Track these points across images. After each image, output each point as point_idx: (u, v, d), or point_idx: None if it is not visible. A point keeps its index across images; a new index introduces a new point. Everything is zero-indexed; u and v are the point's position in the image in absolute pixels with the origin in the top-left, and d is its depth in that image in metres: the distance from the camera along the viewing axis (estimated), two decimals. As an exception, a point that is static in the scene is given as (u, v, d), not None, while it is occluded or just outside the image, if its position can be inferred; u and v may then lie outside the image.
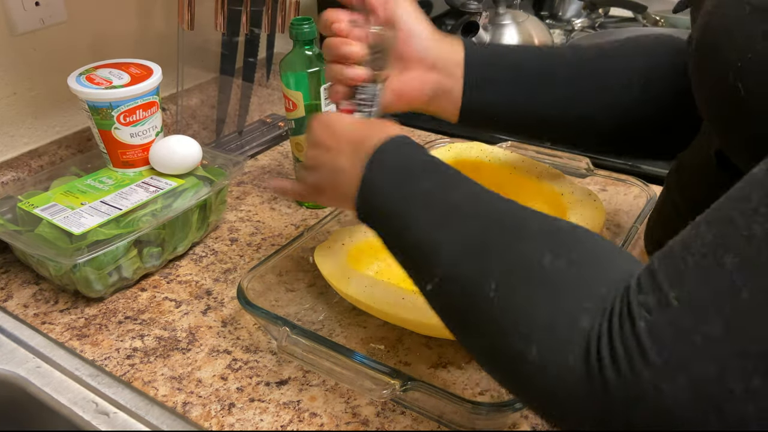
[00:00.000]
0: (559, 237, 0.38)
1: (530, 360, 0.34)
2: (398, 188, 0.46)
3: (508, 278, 0.37)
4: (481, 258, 0.39)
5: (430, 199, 0.44)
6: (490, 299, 0.36)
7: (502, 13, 1.07)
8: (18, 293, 0.69)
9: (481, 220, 0.41)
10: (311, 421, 0.53)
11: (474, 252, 0.39)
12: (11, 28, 0.76)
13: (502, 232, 0.40)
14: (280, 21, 0.89)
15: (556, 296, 0.34)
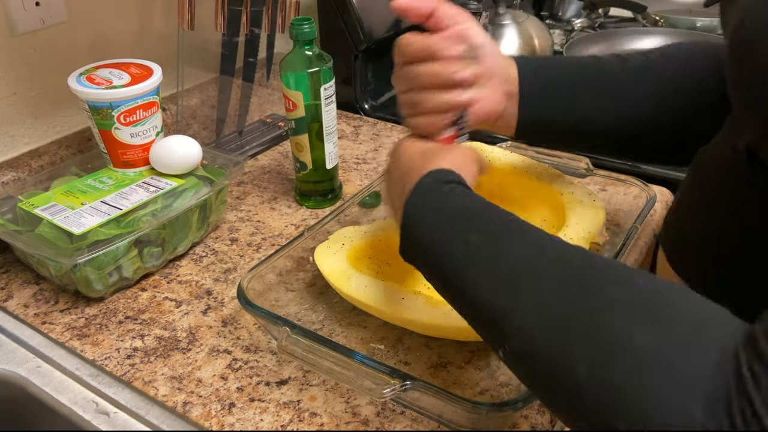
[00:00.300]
0: (647, 305, 0.34)
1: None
2: (441, 242, 0.43)
3: (601, 361, 0.33)
4: (561, 332, 0.35)
5: (483, 257, 0.41)
6: (582, 385, 0.33)
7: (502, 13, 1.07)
8: (18, 293, 0.69)
9: (551, 282, 0.37)
10: (311, 420, 0.53)
11: (551, 325, 0.36)
12: (11, 28, 0.76)
13: (582, 298, 0.36)
14: (280, 21, 0.89)
15: (658, 380, 0.31)
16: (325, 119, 0.78)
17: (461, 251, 0.42)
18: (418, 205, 0.46)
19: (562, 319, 0.36)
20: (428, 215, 0.45)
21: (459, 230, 0.43)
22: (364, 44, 1.04)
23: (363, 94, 1.12)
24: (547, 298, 0.37)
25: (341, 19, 1.03)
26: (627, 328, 0.33)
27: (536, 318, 0.37)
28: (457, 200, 0.46)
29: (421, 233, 0.45)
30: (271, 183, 0.90)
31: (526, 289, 0.38)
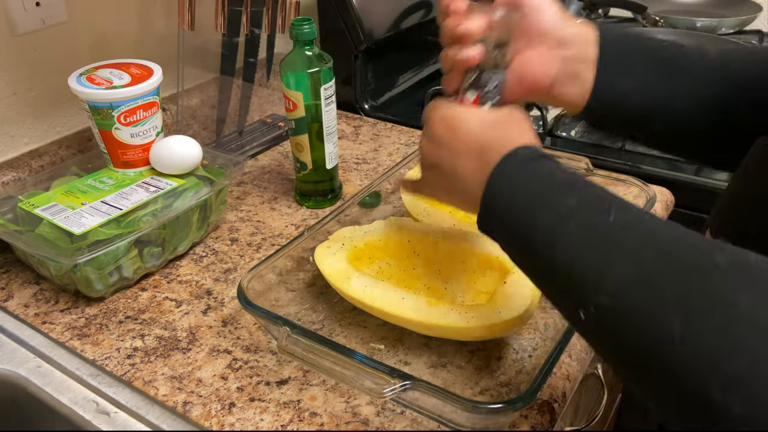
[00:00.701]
0: (756, 275, 0.33)
1: (732, 413, 0.30)
2: (536, 207, 0.42)
3: (700, 318, 0.32)
4: (656, 291, 0.34)
5: (576, 220, 0.40)
6: (676, 340, 0.32)
7: (502, 14, 1.07)
8: (19, 293, 0.69)
9: (648, 246, 0.36)
10: (311, 420, 0.53)
11: (646, 283, 0.35)
12: (12, 28, 0.76)
13: (681, 263, 0.35)
14: (281, 21, 0.89)
15: (762, 342, 0.30)
16: (325, 119, 0.78)
17: (555, 213, 0.41)
18: (512, 176, 0.44)
19: (658, 278, 0.35)
20: (523, 185, 0.43)
21: (554, 194, 0.42)
22: (364, 44, 1.04)
23: (363, 94, 1.12)
24: (645, 257, 0.36)
25: (341, 19, 1.04)
26: (735, 289, 0.32)
27: (633, 274, 0.35)
28: (554, 172, 0.44)
29: (512, 201, 0.43)
30: (271, 183, 0.90)
31: (623, 247, 0.37)
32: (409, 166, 0.80)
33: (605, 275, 0.37)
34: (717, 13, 1.44)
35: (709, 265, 0.34)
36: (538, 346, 0.60)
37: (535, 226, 0.42)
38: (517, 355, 0.59)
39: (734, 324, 0.31)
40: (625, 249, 0.37)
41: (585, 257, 0.38)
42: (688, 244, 0.36)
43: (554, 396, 0.55)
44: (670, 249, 0.36)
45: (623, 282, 0.36)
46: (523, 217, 0.42)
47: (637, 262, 0.36)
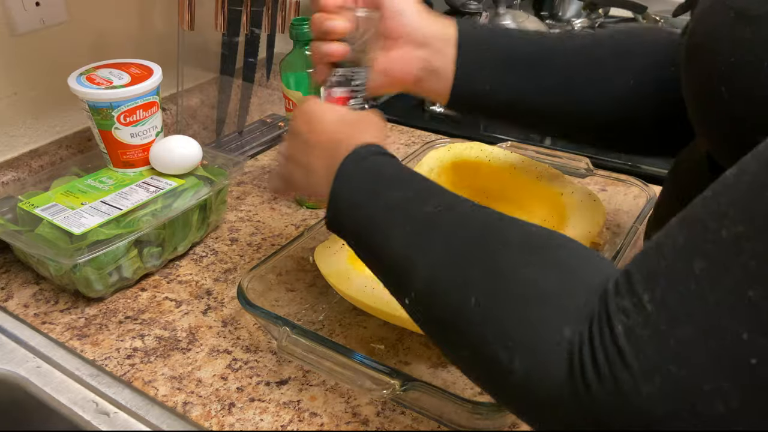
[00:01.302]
0: (538, 247, 0.38)
1: (514, 372, 0.34)
2: (366, 201, 0.45)
3: (489, 291, 0.36)
4: (460, 271, 0.38)
5: (401, 213, 0.43)
6: (472, 312, 0.36)
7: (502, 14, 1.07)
8: (18, 293, 0.69)
9: (457, 232, 0.40)
10: (311, 420, 0.53)
11: (452, 265, 0.39)
12: (12, 28, 0.76)
13: (480, 244, 0.39)
14: (280, 21, 0.89)
15: (538, 308, 0.34)
16: (325, 119, 0.78)
17: (381, 209, 0.44)
18: (350, 174, 0.47)
19: (462, 259, 0.39)
20: (358, 182, 0.46)
21: (382, 189, 0.45)
22: (364, 44, 1.04)
23: (363, 94, 1.12)
24: (450, 244, 0.40)
25: (341, 19, 1.03)
26: (518, 263, 0.37)
27: (438, 261, 0.39)
28: (386, 168, 0.47)
29: (349, 198, 0.46)
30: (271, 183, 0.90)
31: (435, 237, 0.40)
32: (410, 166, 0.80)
33: (418, 266, 0.40)
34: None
35: (501, 244, 0.38)
36: (539, 346, 0.60)
37: (363, 219, 0.45)
38: (517, 355, 0.59)
39: (516, 295, 0.35)
40: (436, 240, 0.40)
41: (403, 250, 0.41)
42: (487, 227, 0.40)
43: (554, 396, 0.55)
44: (473, 232, 0.40)
45: (433, 270, 0.39)
46: (354, 212, 0.45)
47: (445, 251, 0.40)
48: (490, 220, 0.41)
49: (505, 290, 0.36)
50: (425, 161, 0.77)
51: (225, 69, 0.91)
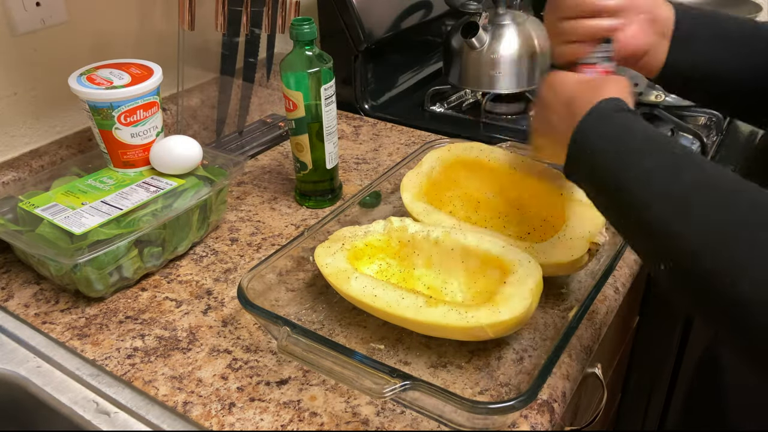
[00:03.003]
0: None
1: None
2: (614, 164, 0.47)
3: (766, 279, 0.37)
4: (727, 252, 0.39)
5: (657, 182, 0.44)
6: (748, 301, 0.38)
7: (502, 14, 1.07)
8: (19, 293, 0.69)
9: (720, 208, 0.41)
10: (311, 420, 0.53)
11: (719, 247, 0.40)
12: (12, 28, 0.76)
13: (755, 223, 0.40)
14: (281, 21, 0.89)
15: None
16: (325, 119, 0.79)
17: (634, 174, 0.46)
18: (594, 127, 0.49)
19: (729, 242, 0.40)
20: (604, 136, 0.49)
21: (633, 153, 0.47)
22: (364, 44, 1.04)
23: (363, 94, 1.12)
24: (713, 222, 0.41)
25: (341, 19, 1.04)
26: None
27: (704, 242, 0.41)
28: (633, 125, 0.49)
29: (593, 151, 0.49)
30: (271, 183, 0.90)
31: (696, 215, 0.42)
32: (410, 166, 0.80)
33: (679, 242, 0.42)
34: None
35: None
36: (538, 346, 0.60)
37: (617, 183, 0.47)
38: (517, 355, 0.59)
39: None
40: (698, 219, 0.42)
41: (662, 223, 0.43)
42: (754, 201, 0.41)
43: (554, 396, 0.55)
44: (738, 212, 0.41)
45: (696, 251, 0.41)
46: (604, 171, 0.48)
47: (708, 231, 0.41)
48: (757, 194, 0.42)
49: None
50: (425, 161, 0.77)
51: (225, 69, 0.91)
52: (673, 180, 0.44)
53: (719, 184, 0.43)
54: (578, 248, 0.63)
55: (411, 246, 0.66)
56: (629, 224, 0.47)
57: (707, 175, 0.44)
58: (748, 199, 0.41)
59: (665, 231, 0.43)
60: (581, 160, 0.50)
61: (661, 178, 0.45)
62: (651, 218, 0.44)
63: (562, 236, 0.64)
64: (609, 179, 0.48)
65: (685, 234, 0.42)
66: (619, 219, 0.49)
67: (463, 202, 0.76)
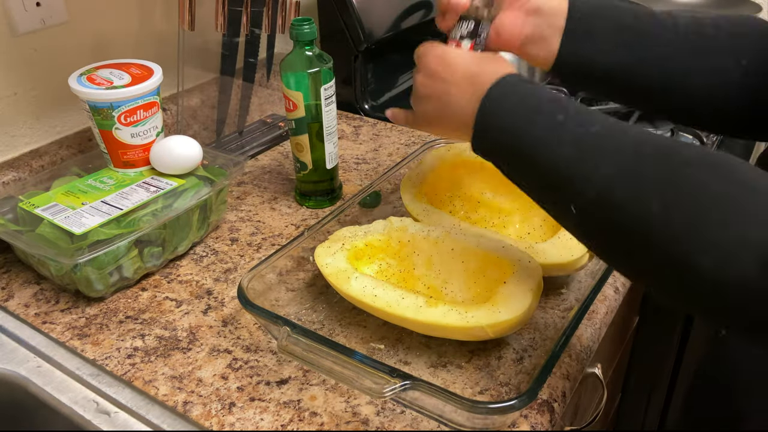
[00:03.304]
0: (722, 166, 0.41)
1: (704, 269, 0.38)
2: (524, 122, 0.47)
3: (675, 198, 0.40)
4: (639, 181, 0.41)
5: (565, 131, 0.46)
6: (656, 217, 0.40)
7: (502, 14, 1.07)
8: (19, 293, 0.69)
9: (631, 148, 0.43)
10: (311, 420, 0.53)
11: (630, 176, 0.42)
12: (12, 28, 0.76)
13: (659, 159, 0.42)
14: (281, 21, 0.89)
15: (728, 214, 0.38)
16: (325, 119, 0.79)
17: (547, 125, 0.47)
18: (502, 97, 0.50)
19: (641, 172, 0.42)
20: (512, 103, 0.49)
21: (543, 109, 0.47)
22: (364, 44, 1.05)
23: (363, 94, 1.12)
24: (626, 159, 0.43)
25: (341, 19, 1.04)
26: (705, 177, 0.40)
27: (618, 173, 0.42)
28: (541, 92, 0.49)
29: (502, 117, 0.49)
30: (271, 183, 0.90)
31: (606, 153, 0.44)
32: (410, 166, 0.80)
33: (591, 176, 0.43)
34: (717, 13, 1.44)
35: (683, 159, 0.41)
36: (538, 346, 0.60)
37: (527, 137, 0.47)
38: (517, 355, 0.59)
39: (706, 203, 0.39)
40: (606, 155, 0.44)
41: (572, 161, 0.45)
42: (663, 146, 0.43)
43: (554, 396, 0.55)
44: (647, 150, 0.43)
45: (607, 180, 0.43)
46: (517, 130, 0.48)
47: (618, 163, 0.43)
48: (660, 138, 0.44)
49: (692, 198, 0.39)
50: (425, 161, 0.77)
51: (225, 69, 0.91)
52: (583, 126, 0.46)
53: (631, 130, 0.45)
54: (578, 248, 0.63)
55: (411, 246, 0.66)
56: (540, 175, 0.48)
57: (617, 123, 0.46)
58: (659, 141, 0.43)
59: (576, 168, 0.44)
60: (490, 130, 0.50)
61: (571, 125, 0.46)
62: (562, 159, 0.45)
63: (562, 236, 0.64)
64: (517, 135, 0.48)
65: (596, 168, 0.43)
66: (530, 170, 0.49)
67: (463, 202, 0.76)
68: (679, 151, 0.42)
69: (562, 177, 0.45)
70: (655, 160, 0.42)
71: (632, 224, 0.41)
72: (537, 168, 0.47)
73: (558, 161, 0.45)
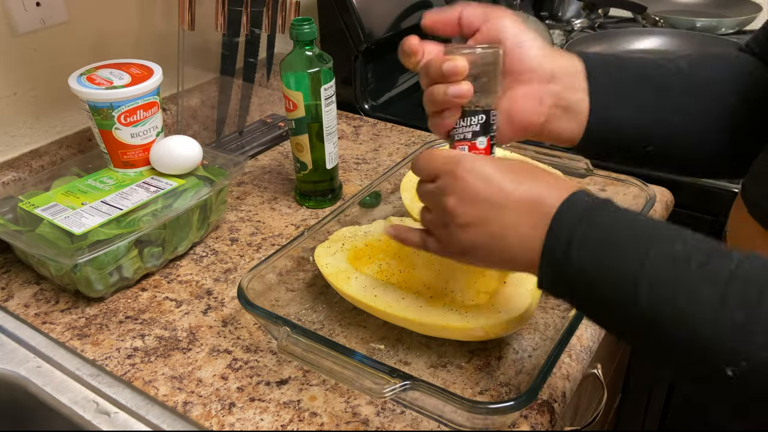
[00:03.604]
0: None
1: None
2: (630, 255, 0.38)
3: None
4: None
5: (688, 270, 0.36)
6: None
7: (502, 14, 1.07)
8: (19, 293, 0.69)
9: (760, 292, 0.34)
10: (311, 420, 0.53)
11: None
12: (12, 28, 0.76)
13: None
14: (281, 21, 0.89)
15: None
16: (325, 119, 0.79)
17: (661, 261, 0.37)
18: (578, 219, 0.40)
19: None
20: (597, 228, 0.40)
21: (649, 240, 0.38)
22: (364, 44, 1.05)
23: (363, 94, 1.12)
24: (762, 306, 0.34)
25: (341, 19, 1.04)
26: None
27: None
28: (631, 214, 0.41)
29: (586, 248, 0.39)
30: (271, 183, 0.90)
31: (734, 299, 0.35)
32: (409, 166, 0.80)
33: (729, 335, 0.34)
34: (717, 13, 1.44)
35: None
36: (538, 346, 0.60)
37: (639, 276, 0.37)
38: (517, 355, 0.59)
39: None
40: (736, 299, 0.35)
41: (726, 314, 0.35)
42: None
43: (554, 396, 0.55)
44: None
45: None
46: (617, 266, 0.38)
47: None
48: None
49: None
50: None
51: (225, 69, 0.91)
52: (707, 265, 0.36)
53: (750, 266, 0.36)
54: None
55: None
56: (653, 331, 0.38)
57: (723, 255, 0.37)
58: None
59: (707, 331, 0.35)
60: (569, 267, 0.40)
61: (695, 263, 0.37)
62: (688, 316, 0.36)
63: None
64: (619, 279, 0.38)
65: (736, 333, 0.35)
66: (633, 325, 0.39)
67: (463, 202, 0.76)
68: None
69: (696, 337, 0.36)
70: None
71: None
72: (646, 319, 0.37)
73: (681, 314, 0.36)
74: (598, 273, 0.39)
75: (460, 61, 0.47)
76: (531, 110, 0.49)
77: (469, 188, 0.44)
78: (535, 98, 0.49)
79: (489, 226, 0.44)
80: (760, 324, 0.34)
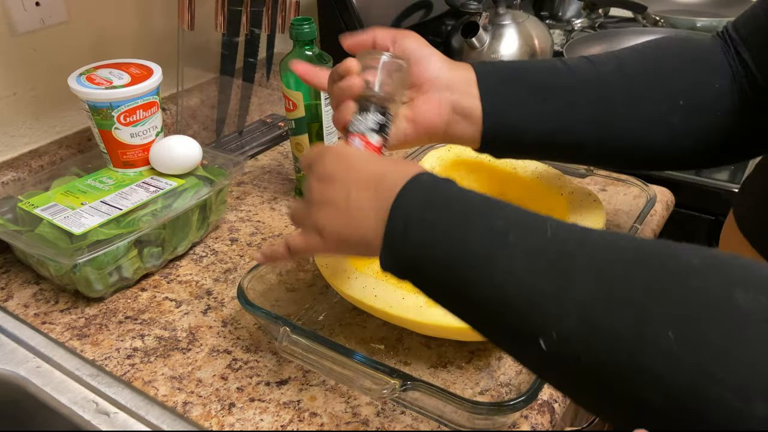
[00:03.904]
0: (730, 268, 0.31)
1: (754, 415, 0.27)
2: (454, 231, 0.38)
3: (691, 322, 0.30)
4: (631, 304, 0.31)
5: (514, 242, 0.36)
6: (668, 350, 0.29)
7: (502, 14, 1.07)
8: (18, 293, 0.69)
9: (604, 259, 0.34)
10: (311, 420, 0.53)
11: (618, 297, 0.32)
12: (12, 28, 0.76)
13: (651, 271, 0.32)
14: (280, 21, 0.89)
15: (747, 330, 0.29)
16: (325, 119, 0.78)
17: (482, 239, 0.37)
18: (416, 201, 0.41)
19: (631, 291, 0.32)
20: (432, 209, 0.40)
21: (475, 219, 0.38)
22: (364, 44, 1.04)
23: (363, 94, 1.12)
24: (606, 273, 0.33)
25: (341, 19, 1.04)
26: (721, 287, 0.30)
27: (598, 293, 0.33)
28: (465, 195, 0.41)
29: (420, 229, 0.40)
30: (271, 183, 0.90)
31: (579, 266, 0.34)
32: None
33: (562, 300, 0.33)
34: (717, 13, 1.45)
35: (682, 268, 0.32)
36: (539, 346, 0.60)
37: (460, 257, 0.38)
38: (517, 355, 0.59)
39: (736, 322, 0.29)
40: (581, 270, 0.34)
41: (534, 283, 0.35)
42: (647, 252, 0.34)
43: (554, 396, 0.55)
44: (627, 262, 0.33)
45: (587, 304, 0.33)
46: (441, 248, 0.38)
47: (599, 280, 0.33)
48: (641, 243, 0.35)
49: (715, 319, 0.29)
50: (425, 161, 0.77)
51: (225, 69, 0.91)
52: (535, 235, 0.37)
53: (593, 236, 0.36)
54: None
55: (411, 246, 0.66)
56: (489, 302, 0.37)
57: (570, 228, 0.37)
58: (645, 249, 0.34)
59: (539, 292, 0.35)
60: (405, 244, 0.40)
61: (519, 234, 0.37)
62: (516, 283, 0.35)
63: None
64: (447, 253, 0.38)
65: (568, 290, 0.34)
66: (474, 298, 0.38)
67: (463, 202, 0.76)
68: (675, 253, 0.33)
69: (522, 305, 0.35)
70: (651, 274, 0.32)
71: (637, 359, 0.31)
72: (480, 294, 0.37)
73: (511, 284, 0.35)
74: (428, 254, 0.39)
75: (350, 60, 0.55)
76: (432, 115, 0.55)
77: (327, 168, 0.46)
78: (435, 105, 0.55)
79: (337, 203, 0.45)
80: (569, 293, 0.33)
